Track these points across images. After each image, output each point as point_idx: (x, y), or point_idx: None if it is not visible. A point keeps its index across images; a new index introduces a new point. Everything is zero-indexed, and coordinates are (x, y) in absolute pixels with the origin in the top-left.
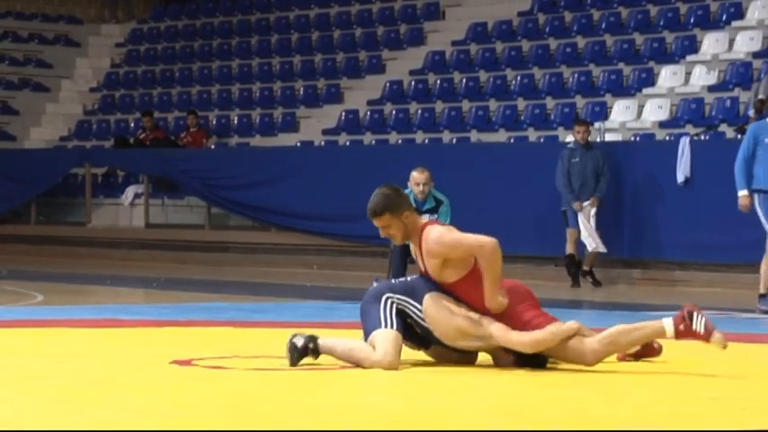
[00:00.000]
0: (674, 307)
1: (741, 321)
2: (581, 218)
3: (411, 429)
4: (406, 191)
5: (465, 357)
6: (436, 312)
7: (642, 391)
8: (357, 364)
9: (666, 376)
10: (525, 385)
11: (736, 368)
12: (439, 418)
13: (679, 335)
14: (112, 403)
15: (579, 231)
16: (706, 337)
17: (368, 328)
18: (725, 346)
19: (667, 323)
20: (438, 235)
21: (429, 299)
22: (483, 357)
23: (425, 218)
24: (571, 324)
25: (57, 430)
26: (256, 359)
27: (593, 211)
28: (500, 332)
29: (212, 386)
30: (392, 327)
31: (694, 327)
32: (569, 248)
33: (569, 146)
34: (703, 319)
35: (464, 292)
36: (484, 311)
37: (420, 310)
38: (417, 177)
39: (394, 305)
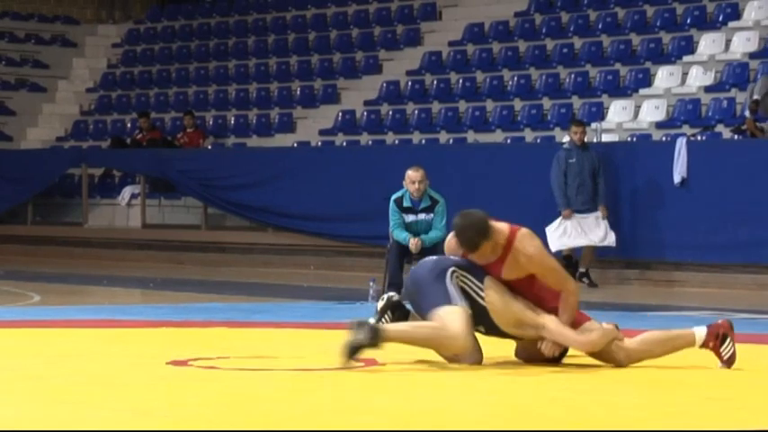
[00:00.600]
0: (671, 307)
1: (737, 322)
2: (568, 224)
3: (408, 429)
4: (403, 190)
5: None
6: (499, 296)
7: (638, 391)
8: (436, 348)
9: (663, 376)
10: (523, 385)
11: (733, 368)
12: (436, 419)
13: (704, 347)
14: (109, 403)
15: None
16: (726, 365)
17: (431, 302)
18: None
19: (699, 335)
20: (534, 250)
21: (491, 281)
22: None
23: (422, 216)
24: (613, 327)
25: (53, 430)
26: (253, 359)
27: (604, 218)
28: (557, 327)
29: (208, 386)
30: (462, 303)
31: (722, 351)
32: (566, 249)
33: (565, 146)
34: (732, 348)
35: (522, 287)
36: (536, 303)
37: (481, 289)
38: (412, 176)
39: (457, 279)
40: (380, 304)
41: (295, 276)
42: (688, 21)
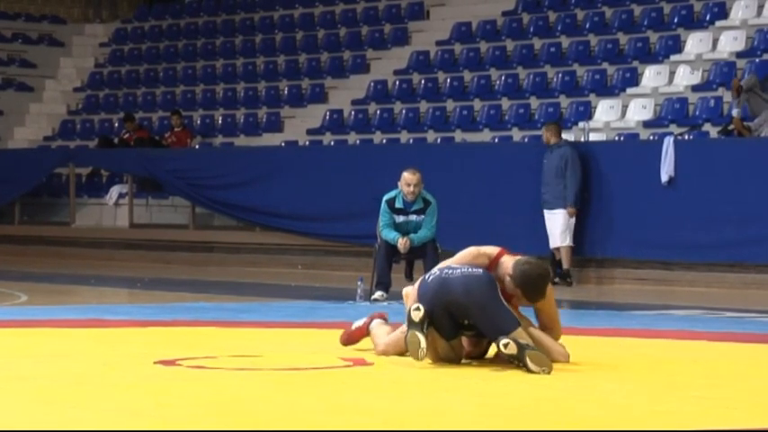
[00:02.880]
0: (658, 306)
1: (725, 321)
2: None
3: (399, 429)
4: (396, 191)
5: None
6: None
7: (626, 391)
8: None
9: (651, 375)
10: (514, 385)
11: (722, 367)
12: (426, 419)
13: None
14: (96, 403)
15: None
16: None
17: (508, 324)
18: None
19: None
20: None
21: None
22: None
23: (413, 218)
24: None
25: (41, 430)
26: (241, 359)
27: (572, 221)
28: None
29: (196, 386)
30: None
31: None
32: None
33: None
34: None
35: None
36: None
37: None
38: (409, 178)
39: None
40: (417, 315)
41: (283, 276)
42: (675, 20)
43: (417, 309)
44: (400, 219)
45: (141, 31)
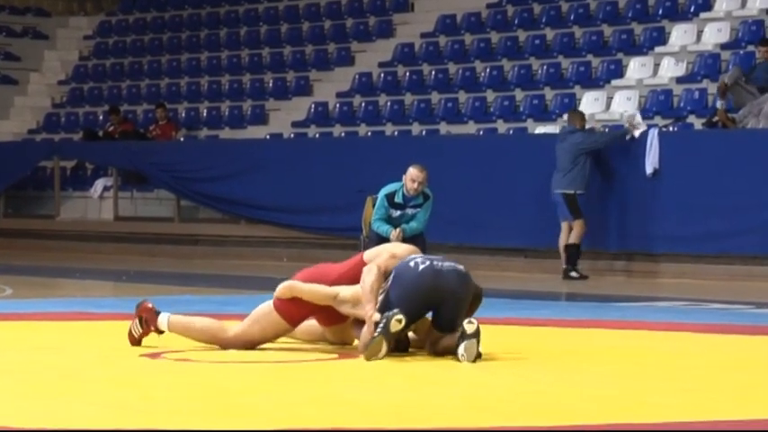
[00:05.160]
0: (645, 298)
1: (712, 312)
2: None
3: (383, 427)
4: (395, 185)
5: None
6: None
7: (613, 382)
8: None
9: (637, 367)
10: (497, 378)
11: (708, 359)
12: (409, 412)
13: None
14: (82, 397)
15: (570, 222)
16: None
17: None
18: None
19: None
20: None
21: None
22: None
23: (409, 211)
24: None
25: (28, 428)
26: (226, 352)
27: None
28: None
29: (182, 379)
30: None
31: None
32: (563, 240)
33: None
34: None
35: None
36: None
37: None
38: (415, 175)
39: None
40: (396, 327)
41: (268, 268)
42: (660, 12)
43: (400, 321)
44: (396, 213)
45: (126, 23)
